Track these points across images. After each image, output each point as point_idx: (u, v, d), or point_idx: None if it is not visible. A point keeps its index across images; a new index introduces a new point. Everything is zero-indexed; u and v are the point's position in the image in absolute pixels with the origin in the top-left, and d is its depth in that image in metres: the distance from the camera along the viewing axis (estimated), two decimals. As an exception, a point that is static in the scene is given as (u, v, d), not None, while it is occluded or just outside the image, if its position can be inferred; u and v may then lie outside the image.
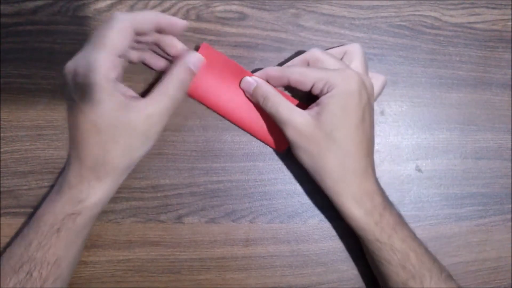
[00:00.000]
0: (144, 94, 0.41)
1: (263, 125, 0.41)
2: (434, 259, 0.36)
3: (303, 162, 0.37)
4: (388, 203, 0.36)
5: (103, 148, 0.33)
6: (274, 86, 0.39)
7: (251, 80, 0.39)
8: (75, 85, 0.33)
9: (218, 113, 0.40)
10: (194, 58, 0.37)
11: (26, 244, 0.34)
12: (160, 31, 0.36)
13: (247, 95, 0.40)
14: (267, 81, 0.39)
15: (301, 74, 0.36)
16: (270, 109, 0.37)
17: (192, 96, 0.40)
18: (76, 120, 0.33)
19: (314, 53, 0.37)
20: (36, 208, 0.39)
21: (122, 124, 0.33)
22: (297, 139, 0.36)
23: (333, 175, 0.35)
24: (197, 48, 0.40)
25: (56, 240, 0.34)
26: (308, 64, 0.38)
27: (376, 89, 0.39)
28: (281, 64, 0.41)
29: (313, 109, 0.36)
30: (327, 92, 0.35)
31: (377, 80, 0.39)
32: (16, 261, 0.33)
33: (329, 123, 0.34)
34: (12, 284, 0.33)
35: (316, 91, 0.36)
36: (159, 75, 0.41)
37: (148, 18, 0.34)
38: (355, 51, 0.38)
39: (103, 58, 0.32)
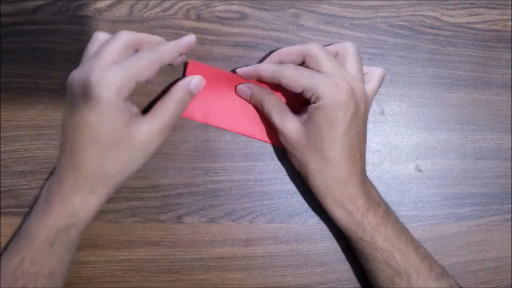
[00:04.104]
0: (144, 96, 0.41)
1: (263, 126, 0.41)
2: (423, 258, 0.36)
3: (293, 165, 0.39)
4: (373, 205, 0.37)
5: (102, 161, 0.34)
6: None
7: (245, 88, 0.40)
8: (84, 95, 0.32)
9: (220, 127, 0.41)
10: (195, 80, 0.38)
11: (19, 260, 0.33)
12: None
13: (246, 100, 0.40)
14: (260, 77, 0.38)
15: (291, 80, 0.36)
16: (266, 114, 0.39)
17: (191, 118, 0.40)
18: (77, 130, 0.33)
19: (312, 50, 0.36)
20: (25, 216, 0.39)
21: (123, 140, 0.34)
22: (287, 144, 0.37)
23: (316, 181, 0.37)
24: (185, 66, 0.40)
25: (50, 254, 0.34)
26: (303, 59, 0.37)
27: (374, 83, 0.38)
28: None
29: (302, 117, 0.37)
30: (314, 102, 0.35)
31: (374, 73, 0.39)
32: (10, 276, 0.33)
33: (313, 134, 0.35)
34: None
35: (306, 97, 0.36)
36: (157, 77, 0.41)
37: (173, 52, 0.36)
38: (347, 51, 0.37)
39: (121, 76, 0.32)
